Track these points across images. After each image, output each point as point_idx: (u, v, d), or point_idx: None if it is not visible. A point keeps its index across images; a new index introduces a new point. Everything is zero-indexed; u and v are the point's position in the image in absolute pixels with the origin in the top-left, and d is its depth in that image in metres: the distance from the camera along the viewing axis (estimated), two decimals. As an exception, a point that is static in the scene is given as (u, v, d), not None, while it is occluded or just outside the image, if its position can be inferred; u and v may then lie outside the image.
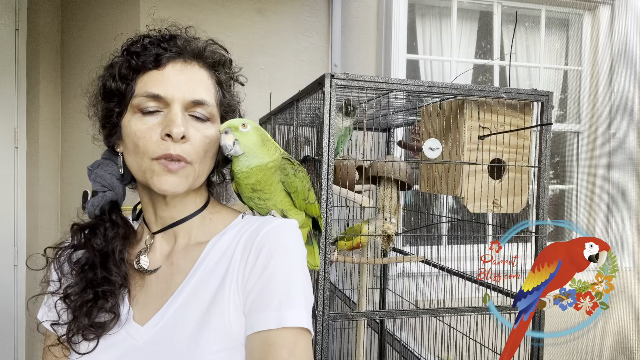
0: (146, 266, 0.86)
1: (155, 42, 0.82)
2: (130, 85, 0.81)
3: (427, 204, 2.26)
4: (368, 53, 3.10)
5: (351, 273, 2.53)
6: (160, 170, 0.79)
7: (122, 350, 0.79)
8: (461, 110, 1.61)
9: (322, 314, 1.42)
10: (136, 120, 0.80)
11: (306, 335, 0.74)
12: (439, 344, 1.94)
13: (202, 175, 0.84)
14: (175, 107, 0.79)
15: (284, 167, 0.92)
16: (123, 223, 0.88)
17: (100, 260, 0.83)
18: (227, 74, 0.90)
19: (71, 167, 2.86)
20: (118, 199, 0.89)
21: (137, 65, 0.80)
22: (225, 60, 0.91)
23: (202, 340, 0.74)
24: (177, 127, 0.77)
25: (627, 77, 3.40)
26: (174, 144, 0.78)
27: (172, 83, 0.80)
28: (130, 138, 0.81)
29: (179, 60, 0.82)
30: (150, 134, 0.78)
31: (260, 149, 0.87)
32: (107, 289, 0.81)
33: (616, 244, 3.42)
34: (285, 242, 0.79)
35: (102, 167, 0.88)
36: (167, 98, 0.79)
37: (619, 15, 3.43)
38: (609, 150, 3.49)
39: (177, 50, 0.82)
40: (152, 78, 0.80)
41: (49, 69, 2.82)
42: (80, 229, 0.87)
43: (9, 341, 2.76)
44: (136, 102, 0.80)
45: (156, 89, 0.79)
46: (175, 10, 2.64)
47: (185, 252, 0.86)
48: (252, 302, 0.76)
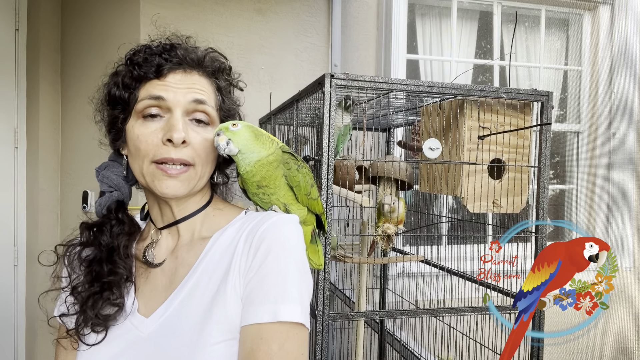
0: (152, 260, 0.89)
1: (156, 52, 0.86)
2: (133, 94, 0.85)
3: (427, 204, 2.26)
4: (368, 53, 3.10)
5: (351, 273, 2.53)
6: (160, 175, 0.82)
7: (128, 342, 0.82)
8: (461, 110, 1.61)
9: (322, 314, 1.42)
10: (139, 125, 0.84)
11: (299, 329, 0.76)
12: (439, 344, 1.95)
13: (204, 177, 0.88)
14: (176, 113, 0.83)
15: (287, 161, 0.94)
16: (129, 221, 0.93)
17: (106, 255, 0.87)
18: (226, 80, 0.94)
19: (71, 167, 2.86)
20: (124, 198, 0.94)
21: (139, 76, 0.84)
22: (225, 67, 0.94)
23: (204, 332, 0.77)
24: (177, 132, 0.80)
25: (627, 77, 3.40)
26: (175, 148, 0.81)
27: (173, 88, 0.84)
28: (132, 142, 0.85)
29: (179, 70, 0.86)
30: (152, 138, 0.82)
31: (255, 143, 0.89)
32: (112, 279, 0.85)
33: (616, 244, 3.42)
34: (284, 237, 0.81)
35: (109, 168, 0.93)
36: (169, 101, 0.83)
37: (619, 15, 3.43)
38: (609, 150, 3.49)
39: (178, 61, 0.85)
40: (153, 85, 0.84)
41: (49, 69, 2.82)
42: (88, 227, 0.91)
43: (9, 341, 2.76)
44: (139, 107, 0.84)
45: (159, 92, 0.83)
46: (175, 10, 2.64)
47: (189, 247, 0.89)
48: (249, 294, 0.78)
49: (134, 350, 0.81)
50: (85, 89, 0.96)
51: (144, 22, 2.54)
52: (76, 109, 2.80)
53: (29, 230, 2.79)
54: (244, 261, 0.80)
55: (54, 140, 2.88)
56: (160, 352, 0.79)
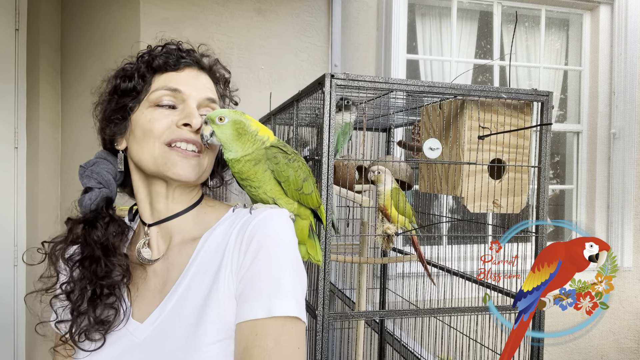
0: (148, 256, 0.89)
1: (175, 49, 0.92)
2: (148, 83, 0.88)
3: (427, 204, 2.26)
4: (368, 53, 3.10)
5: (351, 273, 2.53)
6: (175, 156, 0.84)
7: (123, 348, 0.81)
8: (461, 110, 1.61)
9: (322, 314, 1.42)
10: (151, 111, 0.86)
11: (295, 323, 0.76)
12: (439, 344, 1.95)
13: (207, 171, 0.90)
14: (191, 102, 0.87)
15: (275, 155, 0.93)
16: (119, 219, 0.92)
17: (102, 253, 0.86)
18: (225, 90, 1.00)
19: (71, 167, 2.86)
20: (112, 196, 0.93)
21: (158, 65, 0.88)
22: (227, 79, 1.00)
23: (198, 332, 0.76)
24: (196, 117, 0.85)
25: (627, 77, 3.40)
26: (190, 133, 0.85)
27: (188, 82, 0.88)
28: (141, 127, 0.86)
29: (194, 68, 0.91)
30: (166, 121, 0.85)
31: (234, 143, 0.89)
32: (110, 282, 0.84)
33: (616, 244, 3.42)
34: (274, 232, 0.81)
35: (98, 165, 0.92)
36: (185, 93, 0.87)
37: (619, 15, 3.43)
38: (609, 150, 3.49)
39: (194, 60, 0.92)
40: (170, 77, 0.88)
41: (49, 69, 2.82)
42: (76, 223, 0.89)
43: (9, 341, 2.76)
44: (153, 97, 0.87)
45: (176, 84, 0.87)
46: (176, 10, 2.64)
47: (180, 248, 0.88)
48: (242, 291, 0.78)
49: (129, 356, 0.80)
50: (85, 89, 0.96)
51: (144, 22, 2.54)
52: (76, 109, 2.80)
53: (29, 230, 2.79)
54: (235, 259, 0.80)
55: (54, 140, 2.87)
56: (156, 357, 0.78)
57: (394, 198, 1.67)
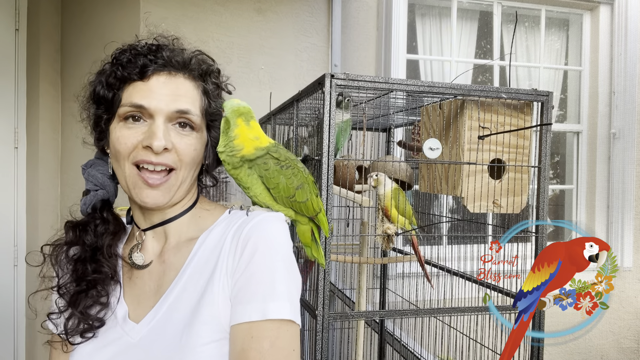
0: (139, 262, 0.88)
1: (141, 53, 0.84)
2: (117, 95, 0.83)
3: (427, 204, 2.26)
4: (368, 53, 3.10)
5: (351, 273, 2.53)
6: (141, 184, 0.81)
7: (119, 348, 0.82)
8: (461, 110, 1.61)
9: (322, 314, 1.42)
10: (120, 128, 0.83)
11: (290, 326, 0.77)
12: (439, 344, 1.94)
13: (186, 181, 0.86)
14: (158, 120, 0.81)
15: (265, 161, 0.92)
16: (113, 220, 0.92)
17: (90, 254, 0.87)
18: (214, 83, 0.91)
19: (71, 167, 2.86)
20: (110, 197, 0.92)
21: (123, 76, 0.82)
22: (213, 70, 0.92)
23: (192, 332, 0.77)
24: (158, 140, 0.79)
25: (627, 77, 3.40)
26: (155, 154, 0.80)
27: (156, 95, 0.81)
28: (112, 145, 0.84)
29: (163, 73, 0.83)
30: (132, 140, 0.81)
31: (222, 136, 0.91)
32: (96, 277, 0.84)
33: (616, 244, 3.42)
34: (270, 236, 0.81)
35: (95, 166, 0.92)
36: (151, 109, 0.81)
37: (619, 15, 3.43)
38: (609, 150, 3.49)
39: (163, 62, 0.83)
40: (137, 88, 0.82)
41: (49, 69, 2.82)
42: (73, 227, 0.90)
43: (9, 341, 2.76)
44: (122, 112, 0.82)
45: (140, 100, 0.81)
46: (175, 10, 2.64)
47: (176, 250, 0.88)
48: (237, 294, 0.78)
49: (125, 357, 0.81)
50: (85, 89, 0.95)
51: (144, 22, 2.53)
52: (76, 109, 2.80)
53: (29, 230, 2.79)
54: (230, 261, 0.80)
55: (54, 140, 2.87)
56: (151, 357, 0.79)
57: (395, 198, 1.68)
